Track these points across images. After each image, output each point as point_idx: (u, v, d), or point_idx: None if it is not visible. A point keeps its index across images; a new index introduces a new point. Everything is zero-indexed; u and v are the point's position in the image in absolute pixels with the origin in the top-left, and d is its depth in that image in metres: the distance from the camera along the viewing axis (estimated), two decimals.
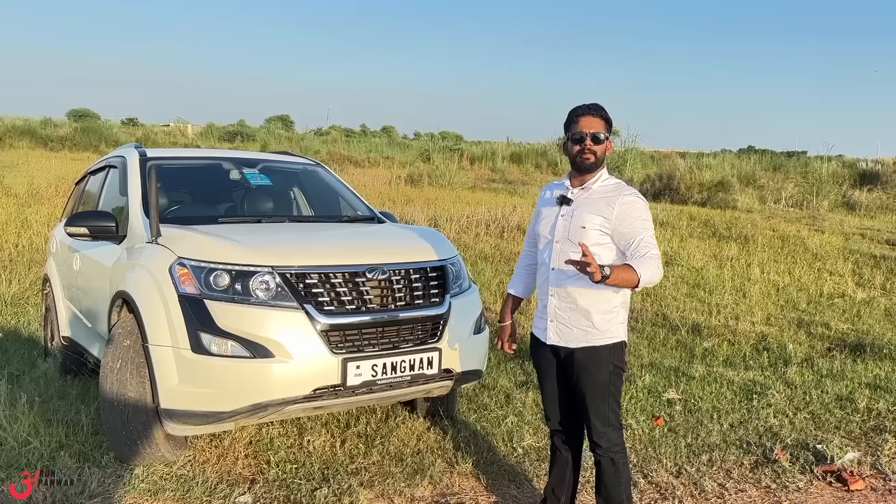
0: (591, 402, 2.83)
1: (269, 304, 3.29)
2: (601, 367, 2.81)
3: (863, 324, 7.11)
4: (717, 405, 4.62)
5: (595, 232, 2.75)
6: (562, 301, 2.85)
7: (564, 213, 2.85)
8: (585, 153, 2.79)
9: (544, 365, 3.01)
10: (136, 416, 3.36)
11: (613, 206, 2.74)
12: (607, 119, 2.83)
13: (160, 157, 4.65)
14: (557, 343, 2.88)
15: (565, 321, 2.85)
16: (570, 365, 2.87)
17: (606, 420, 2.84)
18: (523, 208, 13.38)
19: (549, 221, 2.91)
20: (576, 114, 2.84)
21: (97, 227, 4.03)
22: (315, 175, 5.23)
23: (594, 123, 2.80)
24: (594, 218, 2.76)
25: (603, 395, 2.82)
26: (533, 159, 29.29)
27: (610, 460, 2.85)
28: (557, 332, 2.87)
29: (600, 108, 2.83)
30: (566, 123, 2.88)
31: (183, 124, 40.12)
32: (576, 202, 2.84)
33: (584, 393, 2.83)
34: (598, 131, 2.79)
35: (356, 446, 3.85)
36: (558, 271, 2.84)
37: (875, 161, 25.55)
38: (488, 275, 8.74)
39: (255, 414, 3.25)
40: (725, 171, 23.39)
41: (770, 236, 12.61)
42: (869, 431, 4.26)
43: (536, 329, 3.01)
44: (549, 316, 2.89)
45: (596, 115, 2.81)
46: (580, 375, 2.83)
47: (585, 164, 2.81)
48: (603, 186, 2.84)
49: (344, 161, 25.84)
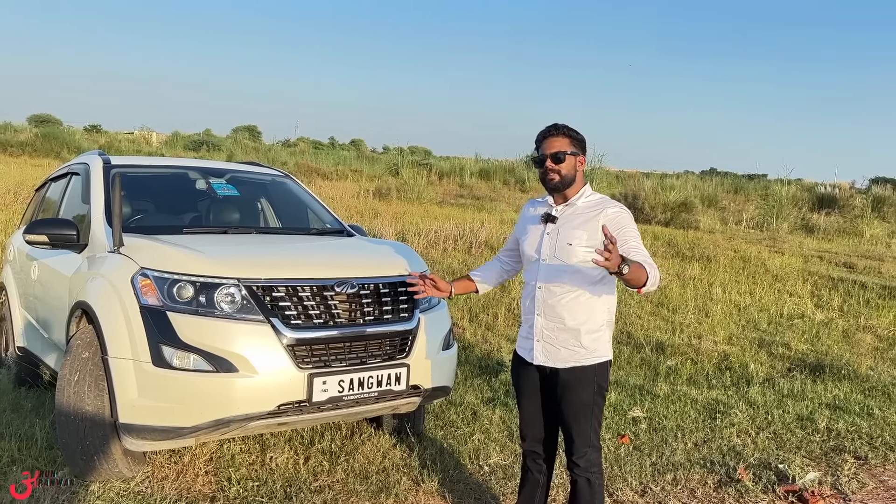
0: (574, 421, 2.82)
1: (234, 317, 3.23)
2: (586, 386, 2.80)
3: (821, 344, 7.25)
4: (681, 424, 4.65)
5: (581, 249, 2.73)
6: (549, 321, 2.82)
7: (549, 230, 2.84)
8: (549, 174, 2.81)
9: (526, 385, 2.97)
10: (94, 431, 3.25)
11: (599, 221, 2.73)
12: (571, 135, 2.83)
13: (125, 165, 4.55)
14: (544, 363, 2.84)
15: (552, 341, 2.82)
16: (554, 384, 2.85)
17: (588, 440, 2.83)
18: (491, 224, 13.43)
19: (534, 240, 2.89)
20: (540, 137, 2.87)
21: (58, 235, 3.92)
22: (283, 187, 5.17)
23: (555, 143, 2.81)
24: (580, 234, 2.75)
25: (586, 414, 2.81)
26: (501, 176, 29.45)
27: (587, 480, 2.85)
28: (544, 352, 2.84)
29: (560, 127, 2.84)
30: (535, 148, 2.89)
31: (147, 132, 39.59)
32: (560, 219, 2.83)
33: (568, 412, 2.82)
34: (558, 150, 2.79)
35: (320, 463, 3.78)
36: (545, 290, 2.82)
37: (832, 185, 26.24)
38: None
39: (217, 430, 3.18)
40: (688, 192, 23.79)
41: (732, 257, 12.83)
42: (829, 451, 4.33)
43: (521, 349, 2.97)
44: (536, 336, 2.85)
45: (557, 134, 2.83)
46: (564, 394, 2.82)
47: (551, 184, 2.82)
48: (587, 202, 2.84)
49: (312, 173, 25.70)
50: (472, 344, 6.60)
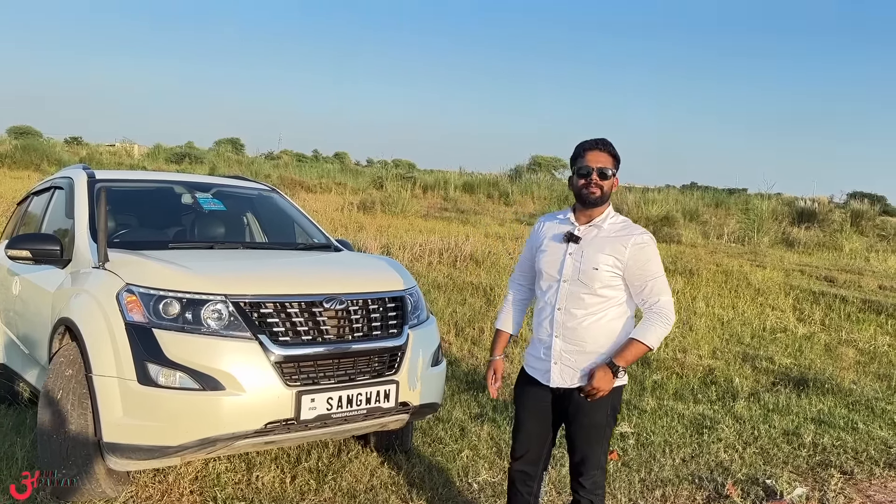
0: (585, 443, 2.78)
1: (221, 333, 3.19)
2: (601, 408, 2.76)
3: (804, 358, 7.30)
4: (668, 439, 4.66)
5: (607, 273, 2.71)
6: (568, 343, 2.76)
7: (572, 251, 2.76)
8: (591, 187, 2.73)
9: (533, 404, 2.89)
10: (77, 450, 3.19)
11: (626, 247, 2.71)
12: (615, 155, 2.79)
13: (109, 179, 4.50)
14: (561, 385, 2.78)
15: (571, 364, 2.76)
16: (567, 405, 2.80)
17: (598, 462, 2.80)
18: (476, 237, 13.44)
19: (556, 259, 2.80)
20: (583, 148, 2.79)
21: (41, 250, 3.86)
22: (270, 201, 5.14)
23: (601, 158, 2.75)
24: (607, 258, 2.71)
25: (599, 437, 2.79)
26: (485, 189, 29.54)
27: (590, 502, 2.82)
28: (562, 374, 2.78)
29: (608, 144, 2.79)
30: (572, 157, 2.82)
31: (129, 144, 39.28)
32: (584, 240, 2.76)
33: (580, 434, 2.78)
34: (604, 166, 2.74)
35: (307, 482, 3.74)
36: (565, 312, 2.75)
37: (811, 199, 26.57)
38: (441, 304, 8.70)
39: (204, 449, 3.13)
40: (670, 205, 23.98)
41: (714, 271, 12.92)
42: (815, 466, 4.35)
43: (533, 370, 2.88)
44: (553, 358, 2.78)
45: (603, 150, 2.76)
46: (578, 416, 2.77)
47: (591, 199, 2.74)
48: (612, 225, 2.79)
49: (295, 186, 25.60)
50: (459, 359, 6.58)
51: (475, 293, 9.45)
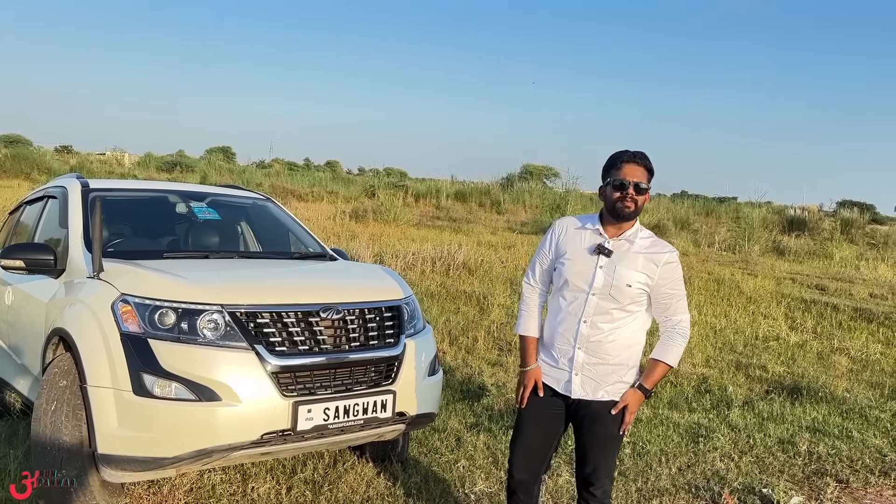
0: (601, 452, 2.77)
1: (217, 344, 3.17)
2: (618, 419, 2.76)
3: (797, 367, 7.33)
4: (664, 448, 4.66)
5: (637, 290, 2.71)
6: (590, 356, 2.74)
7: (604, 264, 2.73)
8: (627, 201, 2.68)
9: (541, 410, 2.84)
10: (71, 462, 3.15)
11: (658, 265, 2.71)
12: (651, 169, 2.75)
13: (103, 189, 4.48)
14: (583, 397, 2.76)
15: (593, 375, 2.75)
16: (583, 416, 2.79)
17: (609, 471, 2.80)
18: (468, 246, 13.43)
19: (586, 271, 2.75)
20: (620, 159, 2.73)
21: (34, 259, 3.83)
22: (265, 210, 5.13)
23: (638, 172, 2.70)
24: (639, 276, 2.71)
25: (613, 446, 2.80)
26: (477, 198, 29.56)
27: None
28: (583, 385, 2.76)
29: (645, 157, 2.74)
30: (606, 167, 2.77)
31: (120, 153, 39.13)
32: (616, 254, 2.73)
33: (595, 443, 2.77)
34: (641, 181, 2.70)
35: (303, 493, 3.71)
36: (591, 325, 2.73)
37: (802, 208, 26.75)
38: (434, 312, 8.68)
39: (199, 460, 3.10)
40: (661, 214, 24.13)
41: (706, 279, 12.96)
42: (811, 475, 4.36)
43: (548, 377, 2.84)
44: (575, 369, 2.76)
45: (640, 163, 2.72)
46: (593, 426, 2.76)
47: (625, 213, 2.70)
48: (643, 240, 2.77)
49: (287, 194, 25.57)
50: (453, 368, 6.57)
51: (468, 302, 9.44)
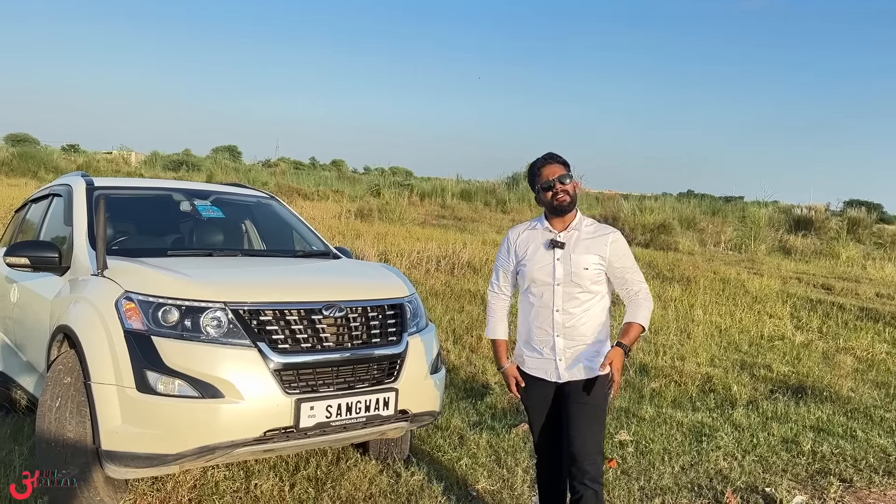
0: (588, 426, 2.95)
1: (221, 341, 3.18)
2: (599, 391, 2.97)
3: (802, 366, 7.30)
4: (667, 447, 4.65)
5: (595, 271, 2.99)
6: (569, 340, 3.00)
7: (560, 256, 3.01)
8: (560, 195, 3.00)
9: (540, 401, 3.10)
10: (75, 458, 3.17)
11: (606, 245, 3.01)
12: (565, 162, 3.08)
13: (108, 187, 4.49)
14: (570, 379, 3.00)
15: (575, 357, 3.00)
16: (568, 391, 3.00)
17: (599, 444, 2.97)
18: (473, 245, 13.44)
19: (546, 266, 3.03)
20: (536, 166, 3.07)
21: (39, 257, 3.85)
22: (269, 208, 5.14)
23: (556, 169, 3.03)
24: (592, 258, 2.99)
25: (599, 417, 2.99)
26: (482, 197, 29.55)
27: (594, 493, 2.89)
28: (568, 369, 3.01)
29: (555, 155, 3.08)
30: (531, 178, 3.11)
31: (126, 152, 39.17)
32: (568, 245, 3.02)
33: (581, 416, 2.95)
34: (561, 174, 3.02)
35: (306, 490, 3.72)
36: (564, 312, 3.00)
37: (808, 207, 26.61)
38: (439, 311, 8.69)
39: (202, 457, 3.12)
40: (667, 213, 24.02)
41: (711, 278, 12.93)
42: (815, 474, 4.34)
43: (535, 370, 3.09)
44: (559, 356, 3.01)
45: (553, 161, 3.06)
46: (579, 399, 2.96)
47: (563, 206, 3.01)
48: (588, 227, 3.07)
49: (292, 193, 25.60)
50: (457, 366, 6.57)
51: (473, 301, 9.44)
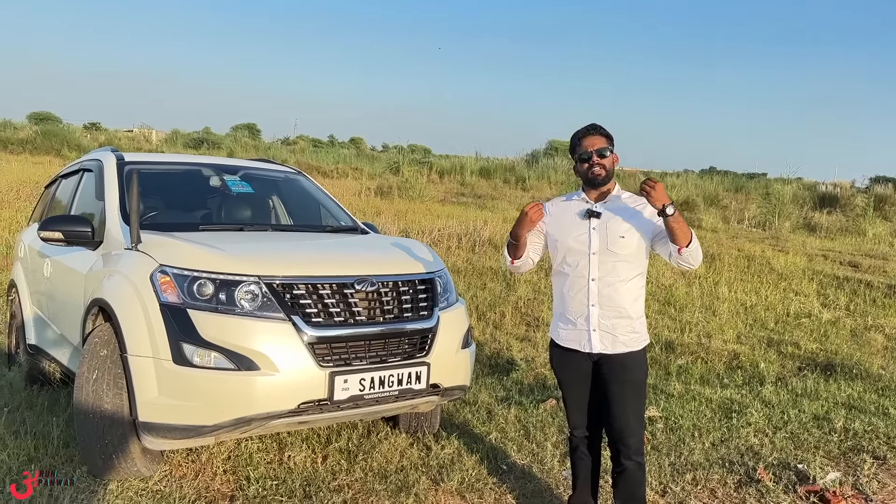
0: (629, 401, 2.97)
1: (255, 314, 3.20)
2: (639, 367, 2.99)
3: (830, 344, 7.23)
4: (697, 423, 4.63)
5: (630, 240, 2.95)
6: (605, 310, 2.96)
7: (596, 225, 2.98)
8: (595, 168, 2.98)
9: (574, 374, 3.08)
10: (112, 429, 3.22)
11: (642, 210, 2.99)
12: (607, 135, 3.04)
13: (138, 162, 4.51)
14: (603, 351, 2.96)
15: (610, 329, 2.95)
16: (607, 369, 2.97)
17: (641, 418, 3.00)
18: (494, 223, 13.40)
19: (581, 234, 3.00)
20: (577, 137, 3.05)
21: (73, 231, 3.88)
22: (296, 184, 5.14)
23: (596, 141, 3.00)
24: (628, 224, 2.96)
25: (640, 392, 3.00)
26: (501, 174, 29.38)
27: (637, 464, 2.97)
28: (602, 340, 2.96)
29: (598, 127, 3.05)
30: (571, 148, 3.09)
31: (147, 130, 39.35)
32: (604, 215, 2.99)
33: (622, 392, 2.96)
34: (601, 147, 2.99)
35: (338, 462, 3.76)
36: (601, 281, 2.95)
37: (833, 184, 26.24)
38: (462, 288, 8.69)
39: (238, 428, 3.15)
40: (690, 190, 23.83)
41: (736, 256, 12.81)
42: (847, 451, 4.30)
43: (569, 342, 3.05)
44: (593, 326, 2.97)
45: (595, 133, 3.02)
46: (620, 376, 2.95)
47: (598, 179, 2.99)
48: (628, 198, 3.05)
49: (312, 171, 25.59)
50: (482, 343, 6.58)
51: (495, 278, 9.44)
